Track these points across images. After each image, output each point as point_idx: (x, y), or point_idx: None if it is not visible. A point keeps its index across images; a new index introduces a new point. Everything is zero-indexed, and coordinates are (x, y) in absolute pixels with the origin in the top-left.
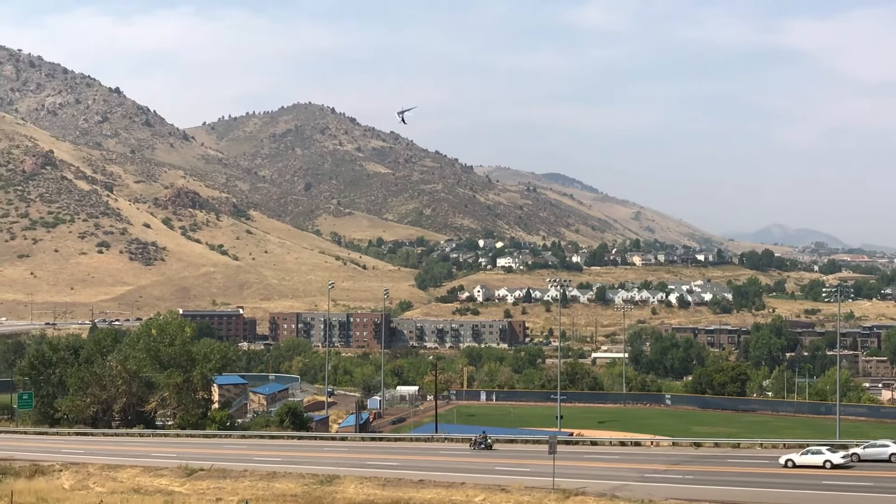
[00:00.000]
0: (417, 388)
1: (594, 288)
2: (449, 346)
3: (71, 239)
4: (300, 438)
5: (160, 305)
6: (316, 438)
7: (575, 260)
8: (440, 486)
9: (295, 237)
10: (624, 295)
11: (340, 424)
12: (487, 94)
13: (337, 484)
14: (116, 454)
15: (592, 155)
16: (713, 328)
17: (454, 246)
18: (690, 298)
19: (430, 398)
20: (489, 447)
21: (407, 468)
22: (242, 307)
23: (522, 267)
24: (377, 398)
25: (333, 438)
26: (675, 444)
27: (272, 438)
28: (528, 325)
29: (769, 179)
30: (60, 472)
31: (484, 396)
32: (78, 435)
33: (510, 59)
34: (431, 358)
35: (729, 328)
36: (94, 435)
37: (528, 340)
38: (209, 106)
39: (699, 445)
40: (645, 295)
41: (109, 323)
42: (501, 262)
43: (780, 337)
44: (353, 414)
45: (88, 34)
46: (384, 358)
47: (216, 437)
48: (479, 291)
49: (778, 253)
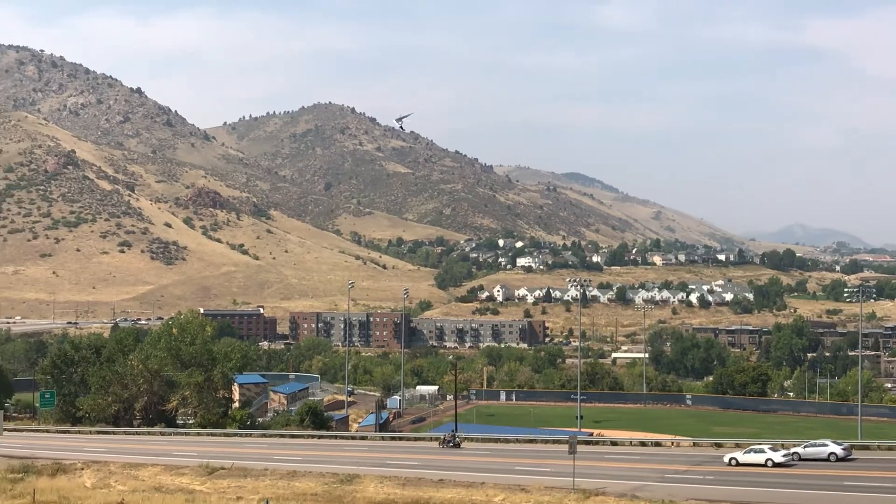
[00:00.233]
0: (437, 387)
1: (614, 288)
2: (468, 345)
3: (93, 238)
4: (320, 437)
5: (181, 305)
6: (336, 438)
7: (595, 260)
8: (460, 485)
9: (315, 237)
10: (644, 295)
11: (360, 424)
12: (507, 93)
13: (357, 483)
14: (138, 453)
15: (612, 154)
16: (734, 328)
17: (474, 246)
18: (711, 298)
19: (449, 398)
20: (457, 445)
21: (427, 468)
22: (263, 306)
23: (542, 267)
24: (397, 398)
25: (353, 438)
26: (695, 444)
27: (292, 437)
28: (547, 325)
29: (790, 179)
30: (82, 470)
31: (503, 396)
32: (100, 434)
33: (530, 58)
34: (451, 358)
35: (750, 328)
36: (115, 434)
37: (547, 340)
38: (230, 106)
39: (720, 446)
40: (665, 295)
41: (134, 322)
42: (521, 261)
43: (801, 337)
44: (372, 413)
45: (109, 35)
46: (404, 357)
47: (237, 435)
48: (498, 291)
49: (799, 253)
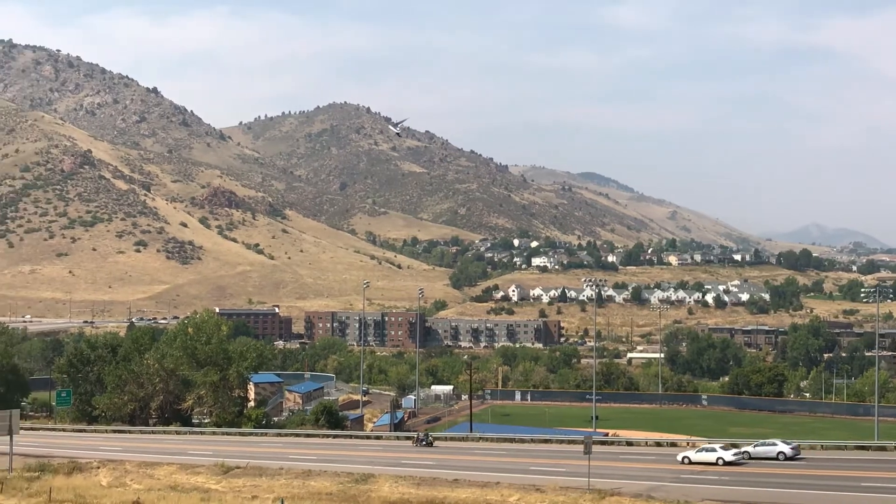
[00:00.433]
0: (452, 387)
1: (630, 288)
2: (483, 345)
3: (109, 238)
4: (335, 437)
5: (197, 304)
6: (351, 437)
7: (610, 259)
8: (475, 485)
9: (330, 236)
10: (660, 295)
11: (375, 423)
12: (522, 93)
13: (372, 483)
14: (153, 452)
15: (628, 154)
16: (750, 328)
17: (489, 245)
18: (727, 298)
19: (464, 398)
20: (430, 444)
21: (442, 467)
22: (278, 306)
23: (557, 266)
24: (412, 397)
25: (368, 437)
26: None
27: (308, 437)
28: (563, 324)
29: (807, 179)
30: (98, 469)
31: (519, 396)
32: (115, 432)
33: (545, 58)
34: (466, 357)
35: (766, 328)
36: (131, 433)
37: (563, 340)
38: (245, 106)
39: (736, 446)
40: (681, 295)
41: (151, 321)
42: (536, 261)
43: (817, 338)
44: (387, 413)
45: (126, 35)
46: (419, 357)
47: (252, 435)
48: (513, 291)
49: (816, 253)
